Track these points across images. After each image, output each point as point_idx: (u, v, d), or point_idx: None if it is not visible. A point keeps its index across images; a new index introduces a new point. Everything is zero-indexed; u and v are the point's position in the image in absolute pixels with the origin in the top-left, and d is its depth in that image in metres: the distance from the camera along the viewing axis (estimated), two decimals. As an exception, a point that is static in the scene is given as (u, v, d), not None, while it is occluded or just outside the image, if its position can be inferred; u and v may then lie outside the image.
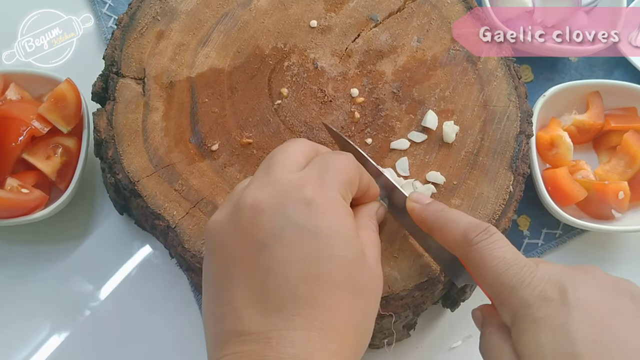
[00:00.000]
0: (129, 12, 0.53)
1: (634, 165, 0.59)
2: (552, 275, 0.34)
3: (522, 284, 0.34)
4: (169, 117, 0.50)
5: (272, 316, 0.31)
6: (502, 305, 0.35)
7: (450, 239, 0.38)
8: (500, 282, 0.34)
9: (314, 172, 0.35)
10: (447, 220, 0.39)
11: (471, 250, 0.36)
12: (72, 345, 0.55)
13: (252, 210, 0.33)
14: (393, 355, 0.55)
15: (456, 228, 0.38)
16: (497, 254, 0.35)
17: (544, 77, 0.68)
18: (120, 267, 0.58)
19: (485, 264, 0.35)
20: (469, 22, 0.55)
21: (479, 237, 0.36)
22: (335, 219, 0.33)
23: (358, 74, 0.53)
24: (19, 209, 0.52)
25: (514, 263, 0.35)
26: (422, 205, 0.41)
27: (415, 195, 0.42)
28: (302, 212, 0.33)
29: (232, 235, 0.34)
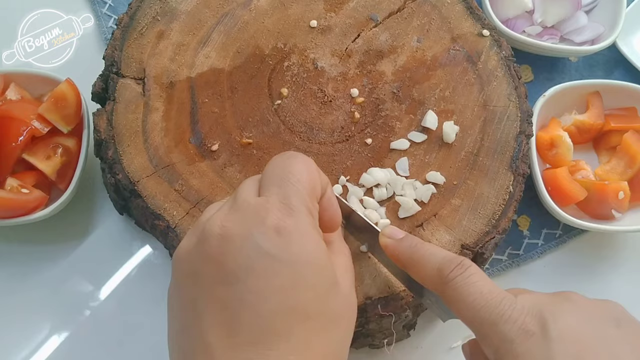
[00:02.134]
0: (129, 12, 0.53)
1: (634, 165, 0.59)
2: (532, 307, 0.33)
3: (501, 318, 0.33)
4: (169, 117, 0.50)
5: (246, 351, 0.30)
6: (484, 341, 0.34)
7: (425, 275, 0.38)
8: (480, 318, 0.34)
9: (275, 192, 0.33)
10: (421, 256, 0.38)
11: (447, 287, 0.35)
12: (72, 345, 0.55)
13: (220, 239, 0.32)
14: (393, 355, 0.55)
15: (430, 264, 0.37)
16: (473, 289, 0.34)
17: (544, 77, 0.68)
18: (120, 267, 0.58)
19: (462, 300, 0.35)
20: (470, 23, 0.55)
21: (454, 272, 0.35)
22: (308, 248, 0.32)
23: (358, 74, 0.53)
24: (19, 209, 0.52)
25: (492, 297, 0.34)
26: (395, 240, 0.40)
27: (389, 230, 0.41)
28: (273, 241, 0.31)
29: (201, 266, 0.32)
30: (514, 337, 0.32)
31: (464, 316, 0.35)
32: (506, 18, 0.67)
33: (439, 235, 0.46)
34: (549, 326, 0.32)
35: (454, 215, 0.47)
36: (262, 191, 0.34)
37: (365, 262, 0.45)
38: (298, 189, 0.33)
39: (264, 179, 0.34)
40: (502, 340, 0.33)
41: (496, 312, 0.33)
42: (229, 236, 0.32)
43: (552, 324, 0.32)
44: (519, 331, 0.32)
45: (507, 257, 0.60)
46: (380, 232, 0.41)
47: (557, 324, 0.32)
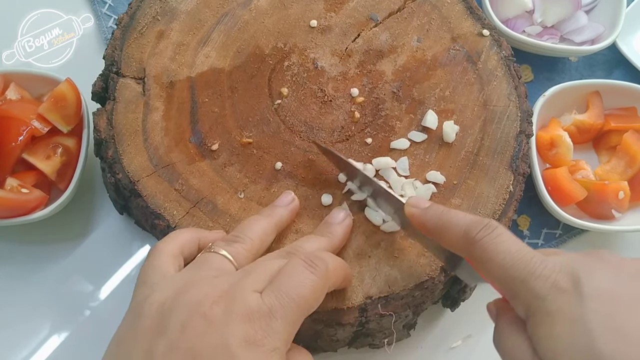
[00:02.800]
0: (129, 12, 0.53)
1: (634, 165, 0.59)
2: (564, 265, 0.33)
3: (532, 275, 0.32)
4: (169, 117, 0.50)
5: None
6: (515, 299, 0.34)
7: (453, 240, 0.38)
8: (510, 276, 0.33)
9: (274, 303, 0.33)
10: (447, 221, 0.38)
11: (475, 248, 0.35)
12: (72, 345, 0.55)
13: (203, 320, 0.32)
14: (393, 355, 0.54)
15: (457, 228, 0.37)
16: (501, 248, 0.34)
17: (544, 77, 0.68)
18: (120, 267, 0.58)
19: (491, 260, 0.34)
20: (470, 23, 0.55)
21: (481, 233, 0.35)
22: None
23: (358, 73, 0.53)
24: (19, 209, 0.52)
25: (521, 255, 0.34)
26: (421, 209, 0.40)
27: (413, 200, 0.41)
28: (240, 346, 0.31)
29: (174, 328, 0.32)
30: (546, 294, 0.32)
31: (494, 275, 0.35)
32: (506, 18, 0.67)
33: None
34: (582, 283, 0.31)
35: (454, 214, 0.47)
36: (264, 292, 0.34)
37: (365, 262, 0.45)
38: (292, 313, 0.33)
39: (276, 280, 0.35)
40: (534, 297, 0.32)
41: (527, 270, 0.33)
42: (211, 322, 0.32)
43: (585, 282, 0.31)
44: (551, 288, 0.32)
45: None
46: (406, 203, 0.41)
47: (590, 281, 0.32)
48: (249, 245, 0.40)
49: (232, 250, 0.38)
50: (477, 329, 0.57)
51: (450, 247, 0.39)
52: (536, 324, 0.32)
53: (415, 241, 0.45)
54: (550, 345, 0.31)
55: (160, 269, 0.37)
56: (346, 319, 0.44)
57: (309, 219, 0.47)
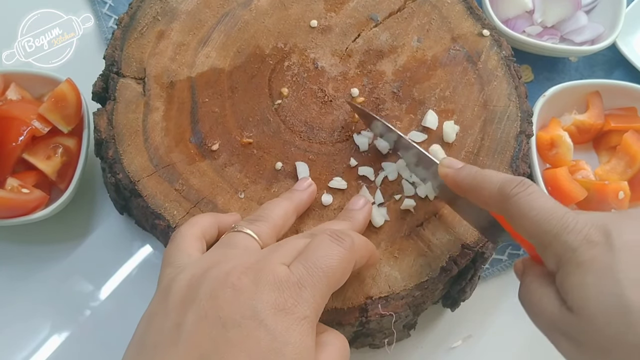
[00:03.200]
0: (130, 12, 0.53)
1: (634, 165, 0.59)
2: (596, 221, 0.34)
3: (565, 229, 0.33)
4: (169, 117, 0.50)
5: None
6: (546, 251, 0.35)
7: (487, 196, 0.38)
8: (543, 230, 0.34)
9: (302, 274, 0.33)
10: (481, 179, 0.39)
11: (510, 203, 0.36)
12: (72, 345, 0.55)
13: (232, 289, 0.32)
14: (393, 355, 0.55)
15: (491, 185, 0.38)
16: (536, 204, 0.35)
17: (544, 77, 0.68)
18: (120, 267, 0.58)
19: (525, 215, 0.35)
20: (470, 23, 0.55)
21: (516, 189, 0.36)
22: (297, 334, 0.32)
23: (358, 73, 0.53)
24: (19, 209, 0.52)
25: (555, 211, 0.35)
26: (455, 169, 0.41)
27: (447, 160, 0.43)
28: (270, 313, 0.31)
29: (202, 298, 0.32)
30: (578, 246, 0.33)
31: (527, 230, 0.36)
32: (506, 18, 0.67)
33: (439, 234, 0.47)
34: (613, 237, 0.32)
35: (455, 214, 0.47)
36: (293, 264, 0.34)
37: (365, 262, 0.45)
38: (321, 284, 0.34)
39: (303, 253, 0.35)
40: (566, 249, 0.33)
41: (560, 224, 0.34)
42: (239, 290, 0.32)
43: (616, 235, 0.32)
44: (582, 240, 0.33)
45: (507, 257, 0.60)
46: (439, 163, 0.43)
47: (621, 235, 0.32)
48: (272, 224, 0.40)
49: (256, 229, 0.39)
50: (477, 329, 0.57)
51: (483, 205, 0.40)
52: (567, 274, 0.33)
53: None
54: (580, 293, 0.32)
55: (185, 251, 0.37)
56: (346, 319, 0.44)
57: (309, 219, 0.47)
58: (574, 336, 0.33)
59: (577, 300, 0.32)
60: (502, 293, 0.59)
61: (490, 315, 0.58)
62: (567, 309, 0.33)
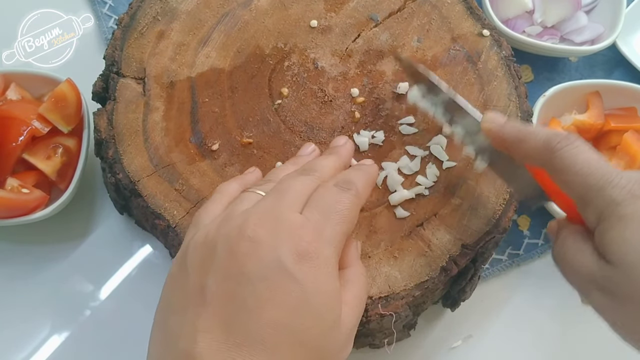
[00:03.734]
0: (130, 12, 0.53)
1: (634, 165, 0.59)
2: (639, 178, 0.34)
3: (609, 184, 0.34)
4: (169, 117, 0.50)
5: (229, 350, 0.30)
6: (588, 206, 0.35)
7: (532, 149, 0.38)
8: (587, 184, 0.34)
9: (317, 219, 0.34)
10: (527, 133, 0.38)
11: (555, 156, 0.36)
12: (72, 345, 0.55)
13: (249, 242, 0.32)
14: (393, 355, 0.55)
15: (536, 139, 0.38)
16: (582, 157, 0.35)
17: (544, 77, 0.68)
18: (120, 267, 0.58)
19: (570, 168, 0.35)
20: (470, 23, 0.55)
21: (562, 143, 0.36)
22: (324, 278, 0.32)
23: (358, 73, 0.53)
24: (19, 209, 0.52)
25: (600, 165, 0.35)
26: (499, 124, 0.41)
27: (490, 115, 0.42)
28: (296, 261, 0.31)
29: (222, 259, 0.32)
30: (621, 200, 0.33)
31: (570, 184, 0.36)
32: (506, 18, 0.67)
33: (439, 234, 0.47)
34: None
35: (454, 214, 0.47)
36: (307, 209, 0.34)
37: (365, 263, 0.45)
38: (337, 225, 0.34)
39: (313, 201, 0.35)
40: (609, 203, 0.33)
41: (605, 178, 0.34)
42: (258, 242, 0.32)
43: None
44: (627, 195, 0.33)
45: (507, 257, 0.60)
46: (482, 119, 0.42)
47: None
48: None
49: (267, 189, 0.38)
50: (477, 329, 0.57)
51: (527, 159, 0.40)
52: (607, 228, 0.33)
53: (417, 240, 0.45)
54: (620, 246, 0.32)
55: (212, 212, 0.37)
56: (346, 319, 0.44)
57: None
58: (612, 289, 0.33)
59: (617, 253, 0.32)
60: (502, 293, 0.59)
61: (490, 315, 0.58)
62: (605, 262, 0.33)
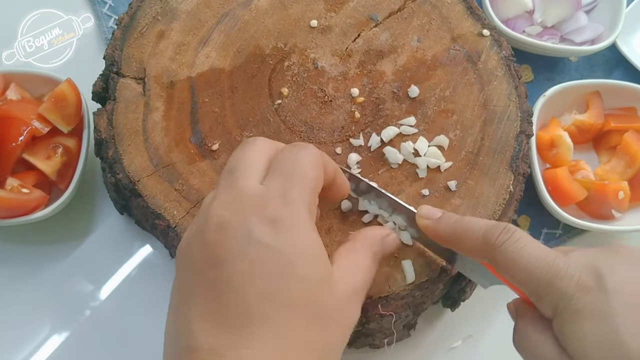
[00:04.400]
0: (130, 12, 0.53)
1: (634, 165, 0.59)
2: (585, 262, 0.34)
3: (557, 276, 0.33)
4: (169, 117, 0.50)
5: (225, 333, 0.30)
6: (541, 300, 0.34)
7: (470, 247, 0.38)
8: (535, 279, 0.34)
9: (278, 184, 0.33)
10: (463, 229, 0.38)
11: (496, 253, 0.36)
12: (72, 345, 0.55)
13: (217, 227, 0.32)
14: (393, 355, 0.55)
15: (474, 235, 0.37)
16: (524, 251, 0.35)
17: (544, 77, 0.68)
18: (120, 267, 0.58)
19: (515, 264, 0.35)
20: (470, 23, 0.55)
21: (501, 238, 0.35)
22: (300, 238, 0.32)
23: (358, 73, 0.53)
24: (19, 209, 0.52)
25: (544, 257, 0.34)
26: (434, 220, 0.40)
27: (424, 210, 0.41)
28: (266, 230, 0.31)
29: (197, 252, 0.33)
30: (573, 293, 0.33)
31: (517, 279, 0.35)
32: (506, 18, 0.67)
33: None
34: (606, 279, 0.32)
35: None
36: (266, 180, 0.34)
37: (365, 262, 0.45)
38: (300, 184, 0.33)
39: (271, 168, 0.34)
40: (561, 297, 0.33)
41: (552, 271, 0.33)
42: (225, 224, 0.32)
43: (608, 277, 0.32)
44: (577, 287, 0.33)
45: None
46: (417, 214, 0.42)
47: (612, 277, 0.32)
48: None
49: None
50: (477, 329, 0.57)
51: (468, 254, 0.39)
52: (564, 322, 0.33)
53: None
54: (579, 342, 0.32)
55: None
56: (346, 319, 0.44)
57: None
58: None
59: (578, 349, 0.32)
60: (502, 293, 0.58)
61: (490, 315, 0.58)
62: (567, 356, 0.33)
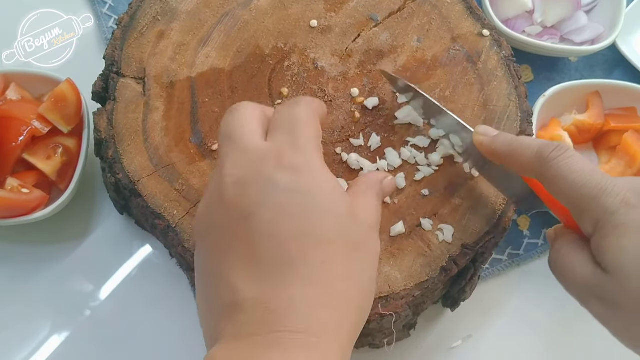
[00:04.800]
0: (130, 12, 0.53)
1: (634, 165, 0.59)
2: (633, 184, 0.34)
3: (603, 192, 0.34)
4: (169, 117, 0.50)
5: (267, 280, 0.31)
6: (583, 214, 0.35)
7: (524, 161, 0.39)
8: (582, 193, 0.35)
9: (284, 137, 0.34)
10: (519, 145, 0.39)
11: (548, 167, 0.37)
12: (72, 345, 0.55)
13: (235, 186, 0.33)
14: (393, 355, 0.54)
15: (529, 150, 0.38)
16: (575, 167, 0.36)
17: (544, 77, 0.68)
18: (120, 267, 0.58)
19: (564, 178, 0.36)
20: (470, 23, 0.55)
21: (554, 153, 0.37)
22: (320, 178, 0.34)
23: (358, 73, 0.53)
24: (19, 209, 0.52)
25: (593, 174, 0.35)
26: (490, 137, 0.42)
27: (482, 128, 0.43)
28: (285, 177, 0.33)
29: (219, 213, 0.33)
30: (616, 209, 0.34)
31: (565, 193, 0.36)
32: (506, 18, 0.67)
33: (439, 234, 0.46)
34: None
35: (454, 214, 0.47)
36: (269, 137, 0.35)
37: (365, 262, 0.45)
38: (305, 133, 0.35)
39: (271, 126, 0.36)
40: (604, 212, 0.34)
41: (599, 187, 0.34)
42: (240, 180, 0.33)
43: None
44: (621, 203, 0.34)
45: (507, 257, 0.60)
46: (474, 131, 0.43)
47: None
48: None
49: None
50: (477, 329, 0.57)
51: (519, 170, 0.40)
52: (604, 236, 0.34)
53: (417, 239, 0.45)
54: (617, 254, 0.33)
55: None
56: (346, 319, 0.44)
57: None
58: (609, 298, 0.33)
59: (614, 262, 0.33)
60: (502, 293, 0.59)
61: (490, 315, 0.58)
62: (602, 271, 0.34)
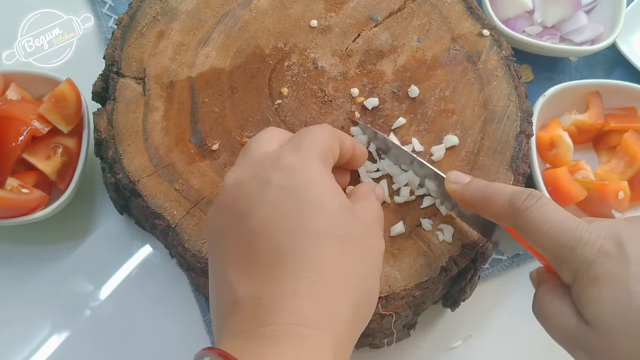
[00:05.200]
0: (130, 12, 0.53)
1: (634, 165, 0.59)
2: (608, 230, 0.34)
3: (579, 242, 0.34)
4: (169, 117, 0.50)
5: (261, 277, 0.32)
6: (562, 265, 0.35)
7: (497, 211, 0.39)
8: (558, 244, 0.34)
9: (289, 145, 0.37)
10: (491, 194, 0.39)
11: (521, 217, 0.36)
12: (72, 345, 0.55)
13: (233, 187, 0.35)
14: (393, 355, 0.55)
15: (500, 199, 0.38)
16: (549, 217, 0.35)
17: (544, 77, 0.68)
18: (120, 267, 0.58)
19: (539, 229, 0.35)
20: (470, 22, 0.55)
21: (526, 203, 0.36)
22: (314, 175, 0.34)
23: (358, 73, 0.53)
24: (19, 209, 0.52)
25: (568, 223, 0.35)
26: (462, 185, 0.41)
27: (453, 175, 0.42)
28: (279, 175, 0.34)
29: (220, 215, 0.35)
30: (594, 259, 0.33)
31: (541, 244, 0.36)
32: (506, 18, 0.67)
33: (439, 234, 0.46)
34: (626, 248, 0.33)
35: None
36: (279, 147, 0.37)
37: (365, 262, 0.45)
38: (310, 140, 0.36)
39: (291, 138, 0.38)
40: (582, 263, 0.33)
41: (574, 237, 0.34)
42: (239, 182, 0.34)
43: (629, 245, 0.33)
44: (598, 253, 0.33)
45: (507, 257, 0.60)
46: (446, 179, 0.43)
47: (633, 245, 0.33)
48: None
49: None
50: (477, 329, 0.57)
51: (493, 219, 0.40)
52: (583, 287, 0.33)
53: (417, 240, 0.45)
54: (597, 307, 0.33)
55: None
56: (346, 319, 0.44)
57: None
58: (592, 350, 0.33)
59: (595, 314, 0.33)
60: (502, 293, 0.59)
61: (490, 315, 0.58)
62: (584, 322, 0.33)
